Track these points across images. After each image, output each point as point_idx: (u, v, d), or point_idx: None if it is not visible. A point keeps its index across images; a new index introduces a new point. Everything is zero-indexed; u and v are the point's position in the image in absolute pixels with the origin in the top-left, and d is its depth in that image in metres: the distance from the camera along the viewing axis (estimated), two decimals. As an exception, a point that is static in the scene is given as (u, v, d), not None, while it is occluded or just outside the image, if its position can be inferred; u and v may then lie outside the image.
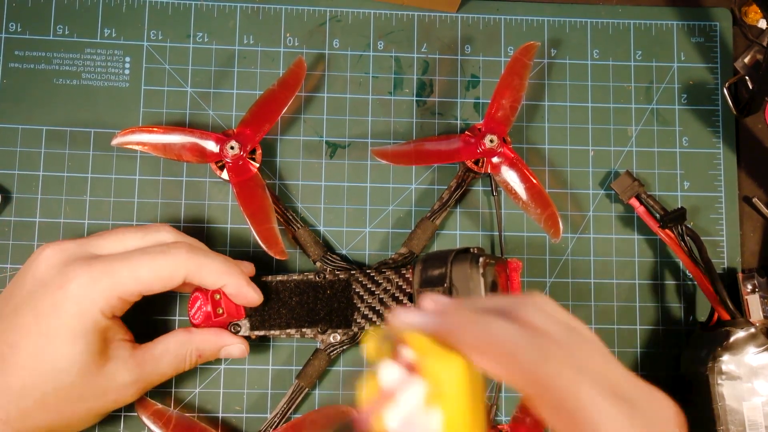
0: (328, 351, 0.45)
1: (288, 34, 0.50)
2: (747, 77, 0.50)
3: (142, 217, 0.47)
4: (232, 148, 0.44)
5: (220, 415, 0.46)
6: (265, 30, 0.49)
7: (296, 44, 0.50)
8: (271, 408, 0.46)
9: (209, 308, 0.42)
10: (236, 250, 0.47)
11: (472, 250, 0.40)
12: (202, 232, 0.47)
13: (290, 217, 0.46)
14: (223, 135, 0.45)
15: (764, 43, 0.50)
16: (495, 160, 0.46)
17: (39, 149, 0.47)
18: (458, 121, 0.50)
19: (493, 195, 0.48)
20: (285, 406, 0.44)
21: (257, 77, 0.49)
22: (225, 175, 0.45)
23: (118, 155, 0.47)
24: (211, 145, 0.45)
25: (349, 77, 0.49)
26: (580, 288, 0.48)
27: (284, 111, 0.45)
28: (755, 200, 0.49)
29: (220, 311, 0.42)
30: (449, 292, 0.37)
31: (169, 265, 0.39)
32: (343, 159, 0.49)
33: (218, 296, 0.42)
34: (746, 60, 0.51)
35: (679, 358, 0.48)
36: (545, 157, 0.50)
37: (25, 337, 0.37)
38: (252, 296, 0.42)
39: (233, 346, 0.43)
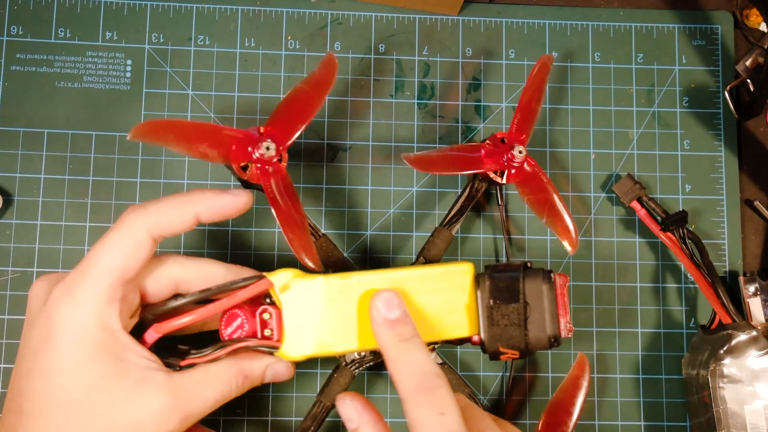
0: (352, 367, 0.42)
1: (289, 37, 0.50)
2: (748, 80, 0.50)
3: (143, 220, 0.47)
4: (267, 148, 0.39)
5: (221, 418, 0.46)
6: (266, 33, 0.50)
7: (297, 47, 0.50)
8: (272, 412, 0.46)
9: (256, 327, 0.35)
10: (259, 253, 0.47)
11: (528, 264, 0.39)
12: (202, 233, 0.47)
13: (311, 225, 0.43)
14: (253, 134, 0.40)
15: (765, 46, 0.50)
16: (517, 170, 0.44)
17: (40, 152, 0.47)
18: (459, 124, 0.50)
19: (498, 204, 0.48)
20: (310, 425, 0.42)
21: (259, 80, 0.49)
22: (248, 177, 0.40)
23: (120, 158, 0.47)
24: (243, 144, 0.39)
25: (350, 80, 0.49)
26: (581, 291, 0.48)
27: (318, 110, 0.41)
28: (757, 203, 0.49)
29: (269, 333, 0.36)
30: (524, 307, 0.37)
31: (122, 233, 0.33)
32: (344, 162, 0.49)
33: (268, 315, 0.36)
34: (748, 63, 0.51)
35: (680, 361, 0.48)
36: (546, 160, 0.50)
37: (29, 381, 0.33)
38: (233, 200, 0.35)
39: (280, 364, 0.37)
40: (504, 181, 0.44)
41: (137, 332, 0.35)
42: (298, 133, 0.40)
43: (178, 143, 0.37)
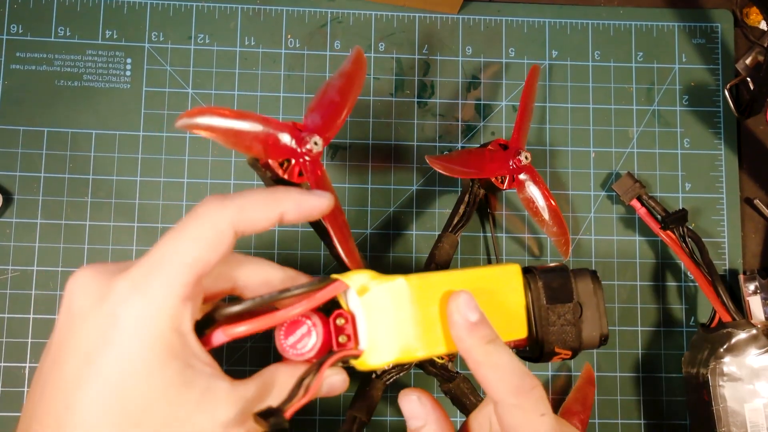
0: (385, 379, 0.41)
1: (289, 36, 0.50)
2: (748, 79, 0.50)
3: (144, 219, 0.47)
4: (316, 143, 0.36)
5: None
6: (266, 31, 0.50)
7: (297, 46, 0.50)
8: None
9: (331, 335, 0.31)
10: (282, 252, 0.47)
11: (564, 265, 0.39)
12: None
13: None
14: (296, 129, 0.37)
15: (765, 45, 0.50)
16: (522, 176, 0.45)
17: (40, 151, 0.47)
18: (459, 123, 0.50)
19: (489, 212, 0.48)
20: None
21: (258, 79, 0.49)
22: (287, 175, 0.37)
23: (120, 157, 0.47)
24: (287, 139, 0.36)
25: (350, 79, 0.49)
26: (581, 289, 0.48)
27: (354, 104, 0.39)
28: (757, 202, 0.49)
29: (344, 340, 0.31)
30: (579, 307, 0.37)
31: (204, 224, 0.30)
32: (344, 161, 0.49)
33: (342, 320, 0.31)
34: (747, 61, 0.51)
35: (680, 360, 0.48)
36: (546, 158, 0.50)
37: (78, 391, 0.28)
38: (319, 201, 0.32)
39: (337, 376, 0.33)
40: (505, 186, 0.44)
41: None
42: (338, 129, 0.38)
43: (224, 136, 0.34)
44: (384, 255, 0.48)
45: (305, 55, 0.49)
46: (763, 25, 0.51)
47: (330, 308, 0.32)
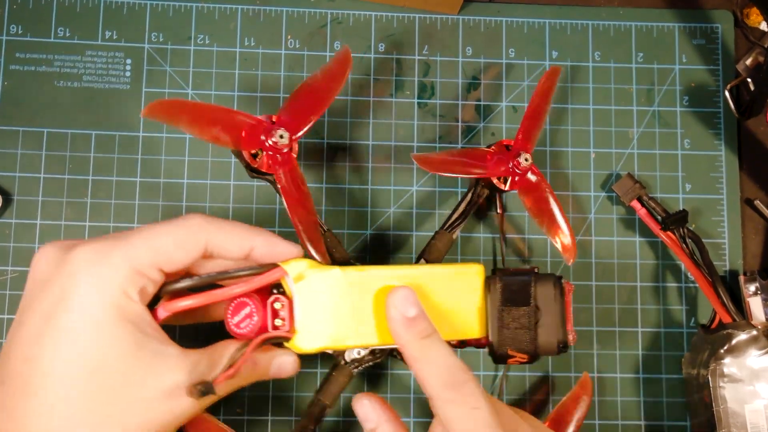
0: (351, 366, 0.41)
1: (289, 36, 0.50)
2: (749, 79, 0.50)
3: (143, 219, 0.47)
4: (281, 136, 0.38)
5: (221, 417, 0.46)
6: (266, 32, 0.49)
7: (297, 46, 0.50)
8: (272, 412, 0.46)
9: (267, 317, 0.34)
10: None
11: (535, 269, 0.39)
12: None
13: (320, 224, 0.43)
14: (267, 122, 0.39)
15: (766, 45, 0.50)
16: (526, 178, 0.44)
17: (40, 151, 0.47)
18: (459, 124, 0.50)
19: (496, 213, 0.48)
20: (308, 424, 0.41)
21: (258, 80, 0.49)
22: (258, 165, 0.40)
23: (119, 157, 0.47)
24: (255, 131, 0.39)
25: (350, 79, 0.49)
26: (581, 290, 0.48)
27: (330, 103, 0.41)
28: (757, 202, 0.49)
29: (280, 323, 0.34)
30: (534, 311, 0.37)
31: (186, 230, 0.33)
32: (344, 161, 0.49)
33: (279, 305, 0.34)
34: (748, 62, 0.51)
35: (680, 361, 0.48)
36: (547, 159, 0.50)
37: (36, 347, 0.30)
38: (288, 249, 0.35)
39: (286, 357, 0.35)
40: (507, 188, 0.44)
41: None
42: (310, 125, 0.40)
43: (190, 124, 0.37)
44: (384, 256, 0.48)
45: (305, 55, 0.49)
46: (763, 26, 0.51)
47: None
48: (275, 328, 0.34)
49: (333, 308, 0.35)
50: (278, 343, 0.35)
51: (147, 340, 0.31)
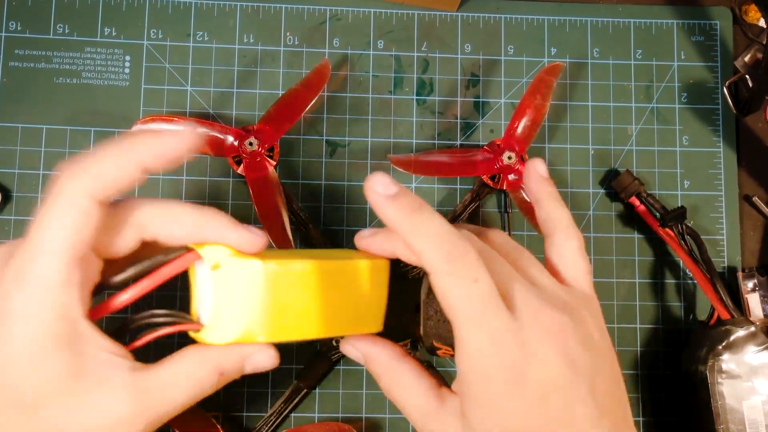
0: (331, 354, 0.44)
1: (288, 33, 0.50)
2: (747, 76, 0.50)
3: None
4: (250, 144, 0.44)
5: (221, 414, 0.46)
6: (265, 29, 0.49)
7: (296, 43, 0.50)
8: (271, 407, 0.46)
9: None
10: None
11: None
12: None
13: (303, 217, 0.46)
14: (243, 130, 0.45)
15: (764, 42, 0.50)
16: (512, 177, 0.45)
17: (39, 148, 0.47)
18: (458, 121, 0.50)
19: (506, 212, 0.48)
20: (283, 405, 0.44)
21: (257, 76, 0.49)
22: (241, 170, 0.45)
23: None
24: (230, 140, 0.45)
25: (349, 76, 0.49)
26: (580, 287, 0.48)
27: (306, 111, 0.45)
28: (755, 199, 0.49)
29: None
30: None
31: (62, 205, 0.28)
32: (343, 158, 0.49)
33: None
34: (746, 59, 0.51)
35: (679, 357, 0.48)
36: (546, 156, 0.50)
37: None
38: (178, 140, 0.30)
39: (260, 354, 0.32)
40: (504, 187, 0.44)
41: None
42: (284, 132, 0.45)
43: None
44: (383, 252, 0.48)
45: (304, 52, 0.49)
46: (761, 23, 0.51)
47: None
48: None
49: (247, 301, 0.31)
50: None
51: (88, 366, 0.28)
